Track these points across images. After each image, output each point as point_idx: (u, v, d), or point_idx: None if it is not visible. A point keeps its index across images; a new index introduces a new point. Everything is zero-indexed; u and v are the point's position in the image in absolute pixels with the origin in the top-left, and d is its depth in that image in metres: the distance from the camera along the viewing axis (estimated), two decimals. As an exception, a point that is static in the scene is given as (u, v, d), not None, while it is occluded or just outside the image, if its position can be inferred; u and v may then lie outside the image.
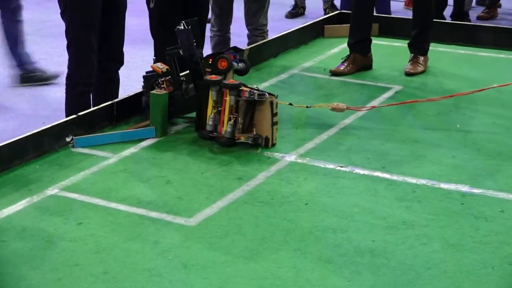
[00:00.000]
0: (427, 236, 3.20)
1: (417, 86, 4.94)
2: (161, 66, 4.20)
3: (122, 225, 3.27)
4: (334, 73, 5.13)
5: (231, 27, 5.85)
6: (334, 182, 3.65)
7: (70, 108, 4.42)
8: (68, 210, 3.38)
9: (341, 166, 3.78)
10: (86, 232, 3.21)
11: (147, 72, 4.28)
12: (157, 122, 4.09)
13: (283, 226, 3.27)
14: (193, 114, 4.31)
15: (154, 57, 4.36)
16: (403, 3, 8.60)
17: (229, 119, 3.94)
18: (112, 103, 4.26)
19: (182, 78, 4.28)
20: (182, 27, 4.15)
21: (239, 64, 4.34)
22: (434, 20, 5.36)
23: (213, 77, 4.02)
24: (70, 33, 4.42)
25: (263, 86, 4.90)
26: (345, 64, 5.20)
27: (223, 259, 3.02)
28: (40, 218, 3.33)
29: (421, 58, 5.21)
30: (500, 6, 8.23)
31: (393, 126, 4.34)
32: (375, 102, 4.62)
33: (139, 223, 3.28)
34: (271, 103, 3.93)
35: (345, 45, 5.73)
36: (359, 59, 5.22)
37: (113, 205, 3.42)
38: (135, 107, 4.35)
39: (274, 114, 3.94)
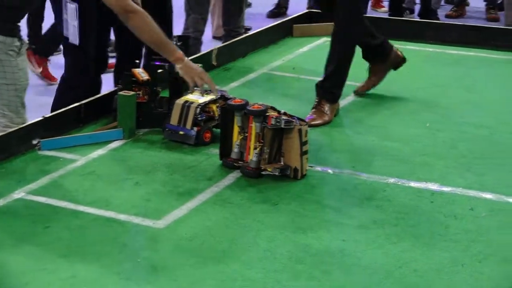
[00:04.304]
0: (397, 235, 3.19)
1: (387, 85, 4.92)
2: (142, 74, 4.15)
3: (90, 228, 3.23)
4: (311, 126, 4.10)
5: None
6: (303, 182, 3.63)
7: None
8: (35, 214, 3.34)
9: (310, 166, 3.76)
10: (54, 236, 3.17)
11: (125, 73, 4.22)
12: (125, 123, 4.06)
13: (253, 227, 3.25)
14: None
15: (137, 61, 4.28)
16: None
17: (255, 147, 3.64)
18: (79, 105, 4.21)
19: (158, 89, 4.23)
20: (175, 43, 4.11)
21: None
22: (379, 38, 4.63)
23: (238, 101, 3.71)
24: None
25: (231, 86, 4.88)
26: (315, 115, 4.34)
27: (193, 261, 3.00)
28: (6, 222, 3.28)
29: (327, 106, 4.33)
30: (468, 4, 8.28)
31: (363, 125, 4.34)
32: (343, 102, 4.61)
33: (107, 226, 3.24)
34: (300, 131, 3.59)
35: (314, 44, 5.75)
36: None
37: (81, 208, 3.38)
38: (103, 109, 4.31)
39: (303, 143, 3.59)
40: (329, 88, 4.38)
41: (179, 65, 3.92)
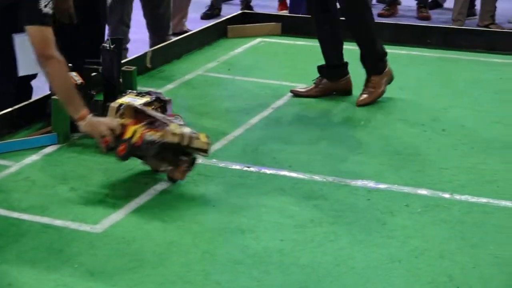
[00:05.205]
0: (335, 233, 3.21)
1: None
2: (76, 78, 4.09)
3: (25, 235, 3.18)
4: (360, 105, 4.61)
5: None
6: (241, 183, 3.64)
7: None
8: (-31, 222, 3.28)
9: (247, 167, 3.77)
10: (-12, 243, 3.12)
11: None
12: (59, 128, 4.01)
13: (191, 229, 3.24)
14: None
15: (70, 65, 4.22)
16: None
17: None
18: (11, 110, 4.15)
19: (92, 92, 4.18)
20: (108, 47, 4.06)
21: None
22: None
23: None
24: None
25: (167, 88, 4.86)
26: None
27: (131, 265, 2.97)
28: None
29: (377, 79, 4.64)
30: (400, 3, 8.37)
31: (298, 125, 4.36)
32: (280, 102, 4.64)
33: (43, 232, 3.20)
34: (165, 133, 3.48)
35: (248, 45, 5.78)
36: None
37: (15, 214, 3.33)
38: (36, 114, 4.25)
39: (179, 135, 3.49)
40: (371, 65, 4.66)
41: (83, 123, 3.57)
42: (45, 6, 3.52)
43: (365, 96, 4.62)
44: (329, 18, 4.69)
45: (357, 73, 4.85)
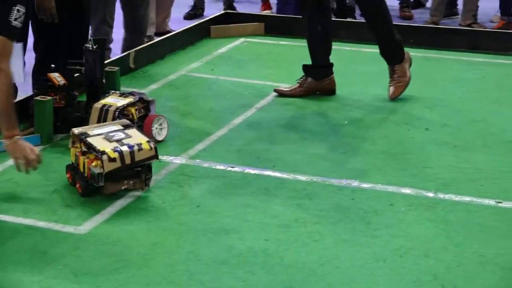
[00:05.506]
0: (319, 232, 3.21)
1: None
2: (59, 79, 4.08)
3: (8, 237, 3.17)
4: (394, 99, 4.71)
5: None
6: (225, 183, 3.63)
7: None
8: (-49, 224, 3.26)
9: (231, 167, 3.77)
10: (-29, 245, 3.11)
11: (41, 78, 4.14)
12: (42, 129, 3.99)
13: (176, 229, 3.24)
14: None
15: (53, 65, 4.20)
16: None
17: None
18: (-6, 111, 4.12)
19: (75, 93, 4.16)
20: (91, 48, 4.04)
21: None
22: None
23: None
24: None
25: (151, 88, 4.85)
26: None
27: (116, 266, 2.97)
28: None
29: (400, 67, 4.71)
30: (383, 3, 8.39)
31: (282, 125, 4.36)
32: (263, 102, 4.64)
33: (27, 234, 3.19)
34: (111, 161, 3.40)
35: (232, 45, 5.77)
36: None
37: (-2, 216, 3.33)
38: (19, 115, 4.20)
39: (118, 159, 3.41)
40: (390, 55, 4.73)
41: (7, 142, 3.53)
42: (15, 19, 3.48)
43: (394, 88, 4.70)
44: (323, 19, 4.73)
45: (341, 73, 4.86)
